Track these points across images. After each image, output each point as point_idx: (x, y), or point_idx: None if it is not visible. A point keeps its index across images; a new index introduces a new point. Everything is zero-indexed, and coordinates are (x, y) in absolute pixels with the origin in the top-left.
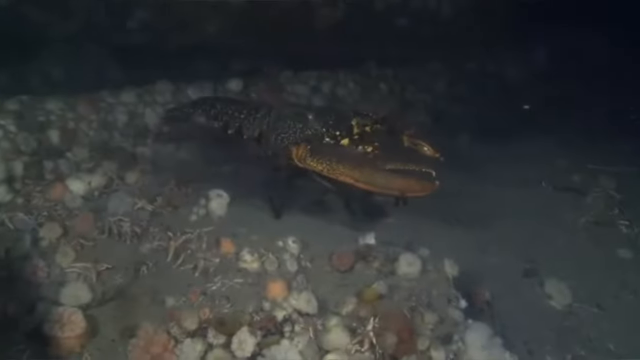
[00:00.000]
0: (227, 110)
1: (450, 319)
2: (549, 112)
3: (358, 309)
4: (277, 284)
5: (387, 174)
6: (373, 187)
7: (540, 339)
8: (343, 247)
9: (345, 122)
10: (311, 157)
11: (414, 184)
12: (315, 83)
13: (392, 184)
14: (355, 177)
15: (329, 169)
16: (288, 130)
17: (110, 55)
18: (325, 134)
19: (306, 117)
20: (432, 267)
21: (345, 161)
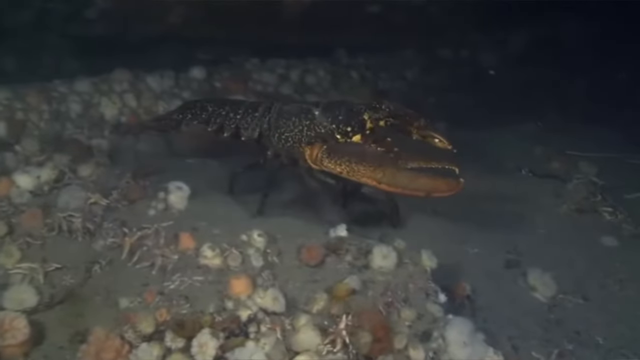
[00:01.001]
0: (221, 112)
1: (429, 314)
2: (526, 98)
3: (329, 306)
4: (240, 280)
5: (410, 173)
6: (397, 188)
7: (525, 333)
8: (313, 241)
9: (356, 117)
10: (329, 158)
11: (440, 183)
12: (283, 71)
13: (417, 184)
14: (377, 178)
15: (348, 170)
16: (293, 128)
17: (66, 44)
18: (336, 131)
19: (312, 113)
20: (409, 260)
21: (365, 161)
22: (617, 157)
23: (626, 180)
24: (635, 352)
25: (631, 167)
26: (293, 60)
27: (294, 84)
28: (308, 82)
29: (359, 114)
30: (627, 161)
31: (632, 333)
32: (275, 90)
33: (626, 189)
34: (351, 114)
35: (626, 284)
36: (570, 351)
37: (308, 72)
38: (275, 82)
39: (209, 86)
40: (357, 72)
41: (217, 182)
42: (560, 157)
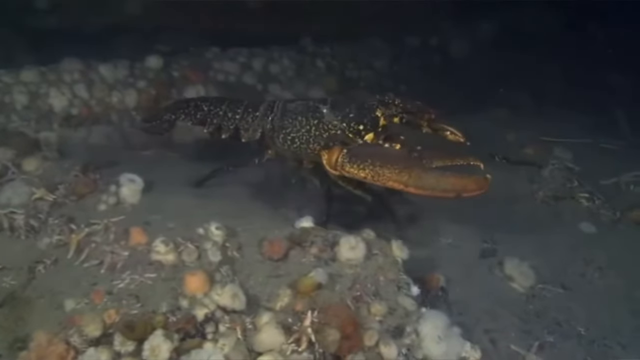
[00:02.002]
0: (218, 111)
1: (401, 308)
2: (497, 85)
3: (294, 303)
4: (196, 277)
5: (437, 174)
6: (425, 190)
7: (503, 326)
8: (276, 233)
9: (368, 114)
10: (350, 162)
11: (469, 182)
12: (246, 60)
13: (446, 185)
14: (403, 181)
15: (373, 175)
16: (300, 128)
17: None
18: (347, 130)
19: (320, 111)
20: (379, 251)
21: (390, 164)
22: (591, 142)
23: (602, 165)
24: (619, 342)
25: (605, 151)
26: (256, 49)
27: (257, 73)
28: (272, 71)
29: (371, 110)
30: (602, 146)
31: (614, 322)
32: (238, 79)
33: (602, 174)
34: (363, 111)
35: (606, 272)
36: (551, 343)
37: (272, 61)
38: (237, 71)
39: (167, 76)
40: (323, 61)
41: (174, 174)
42: (534, 143)
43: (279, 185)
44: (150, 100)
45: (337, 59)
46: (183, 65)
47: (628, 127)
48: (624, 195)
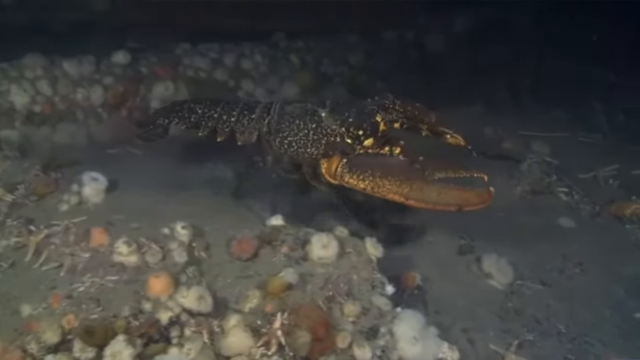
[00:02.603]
0: (212, 114)
1: (375, 308)
2: (475, 80)
3: (263, 304)
4: (160, 279)
5: (439, 186)
6: (426, 204)
7: (481, 324)
8: (245, 232)
9: (368, 119)
10: (350, 173)
11: (471, 195)
12: (217, 56)
13: (448, 198)
14: (404, 194)
15: (373, 186)
16: (298, 132)
17: None
18: (346, 135)
19: (318, 115)
20: (352, 249)
21: (391, 175)
22: (569, 135)
23: (580, 159)
24: (600, 339)
25: (583, 145)
26: (228, 44)
27: (229, 69)
28: (244, 67)
29: (371, 115)
30: (580, 139)
31: (595, 319)
32: (209, 75)
33: (580, 168)
34: (362, 116)
35: (586, 267)
36: (530, 341)
37: (244, 57)
38: (208, 67)
39: (135, 72)
40: (296, 56)
41: (140, 172)
42: (512, 137)
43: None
44: (117, 97)
45: (311, 54)
46: (152, 61)
47: (605, 120)
48: (602, 189)
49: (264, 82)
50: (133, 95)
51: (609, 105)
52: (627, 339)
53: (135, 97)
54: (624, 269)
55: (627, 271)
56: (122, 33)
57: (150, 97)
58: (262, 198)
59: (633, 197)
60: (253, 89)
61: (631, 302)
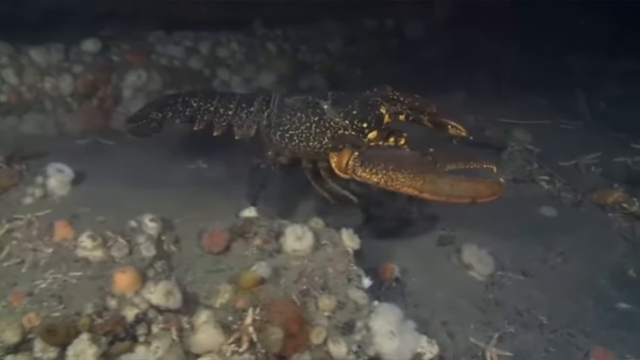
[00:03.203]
0: (208, 107)
1: (351, 302)
2: (455, 66)
3: (235, 299)
4: (126, 274)
5: (451, 178)
6: (440, 196)
7: (461, 317)
8: (217, 224)
9: (372, 111)
10: (362, 166)
11: (482, 187)
12: (192, 44)
13: (460, 191)
14: (418, 187)
15: (386, 180)
16: (299, 125)
17: None
18: (349, 127)
19: (320, 107)
20: (328, 241)
21: (404, 168)
22: (550, 123)
23: (561, 147)
24: (582, 330)
25: (565, 132)
26: (203, 32)
27: (204, 57)
28: (220, 55)
29: (376, 107)
30: (561, 127)
31: (577, 309)
32: (183, 64)
33: (562, 156)
34: (367, 108)
35: (568, 256)
36: (511, 334)
37: (220, 45)
38: (182, 55)
39: (106, 60)
40: (274, 44)
41: (109, 163)
42: (493, 125)
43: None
44: (87, 85)
45: (289, 42)
46: (124, 49)
47: (586, 107)
48: (584, 177)
49: (240, 70)
50: (104, 84)
51: (590, 92)
52: (610, 329)
53: (107, 86)
54: (607, 258)
55: (610, 260)
56: (97, 21)
57: (123, 85)
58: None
59: (615, 185)
60: (229, 78)
61: (614, 291)
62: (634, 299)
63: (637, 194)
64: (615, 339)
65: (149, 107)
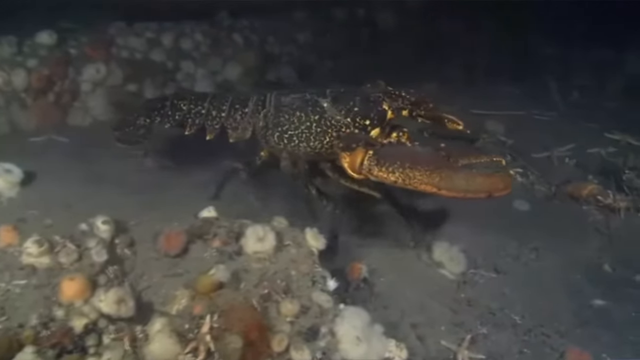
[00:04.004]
0: (200, 110)
1: (315, 306)
2: (427, 56)
3: (192, 305)
4: (74, 282)
5: (466, 174)
6: (457, 192)
7: (431, 318)
8: (174, 225)
9: (374, 108)
10: (378, 165)
11: (496, 180)
12: (154, 35)
13: (476, 185)
14: (435, 183)
15: (404, 178)
16: (299, 125)
17: None
18: (351, 125)
19: (320, 105)
20: (291, 241)
21: (420, 165)
22: (524, 114)
23: (534, 138)
24: (557, 330)
25: (538, 123)
26: (166, 23)
27: (167, 49)
28: (183, 47)
29: (378, 103)
30: (534, 117)
31: (552, 307)
32: (145, 56)
33: (535, 147)
34: (368, 105)
35: (542, 252)
36: (484, 335)
37: (183, 36)
38: (144, 47)
39: (63, 53)
40: (240, 35)
41: (63, 162)
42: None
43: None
44: (42, 80)
45: (256, 33)
46: (82, 42)
47: (560, 97)
48: (558, 168)
49: (205, 62)
50: (61, 78)
51: (563, 82)
52: (585, 327)
53: (64, 81)
54: (581, 253)
55: (585, 255)
56: (53, 12)
57: (80, 80)
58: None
59: (589, 177)
60: (194, 70)
61: (589, 288)
62: (610, 295)
63: (611, 186)
64: (591, 337)
65: (135, 113)
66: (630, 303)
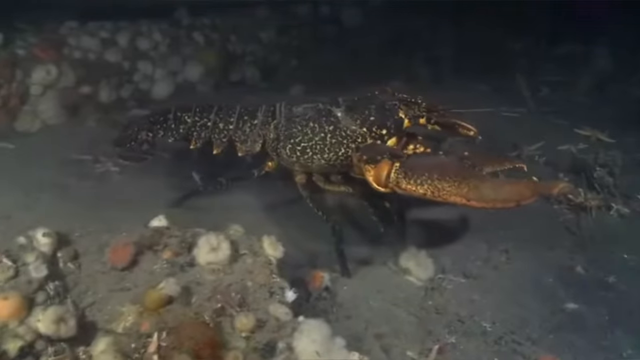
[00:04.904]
0: (205, 122)
1: (272, 319)
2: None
3: (140, 322)
4: (8, 302)
5: (493, 183)
6: (487, 203)
7: (397, 328)
8: (123, 236)
9: (391, 116)
10: (407, 178)
11: (524, 188)
12: (108, 35)
13: (505, 195)
14: (464, 194)
15: (433, 190)
16: (313, 136)
17: None
18: (368, 136)
19: (334, 115)
20: (247, 250)
21: (447, 175)
22: (492, 111)
23: (504, 136)
24: (528, 337)
25: (507, 120)
26: (122, 22)
27: (123, 49)
28: (141, 47)
29: (394, 111)
30: (503, 114)
31: (523, 313)
32: (99, 57)
33: (504, 145)
34: (385, 113)
35: (513, 255)
36: (452, 344)
37: (140, 36)
38: (98, 48)
39: (9, 55)
40: (201, 34)
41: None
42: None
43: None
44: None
45: (217, 32)
46: (30, 43)
47: (529, 93)
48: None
49: (164, 63)
50: (8, 81)
51: (532, 78)
52: (557, 333)
53: (11, 83)
54: (553, 254)
55: (557, 256)
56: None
57: (29, 82)
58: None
59: (560, 175)
60: (152, 71)
61: (561, 291)
62: (583, 298)
63: (582, 184)
64: (564, 343)
65: (135, 127)
66: (604, 306)
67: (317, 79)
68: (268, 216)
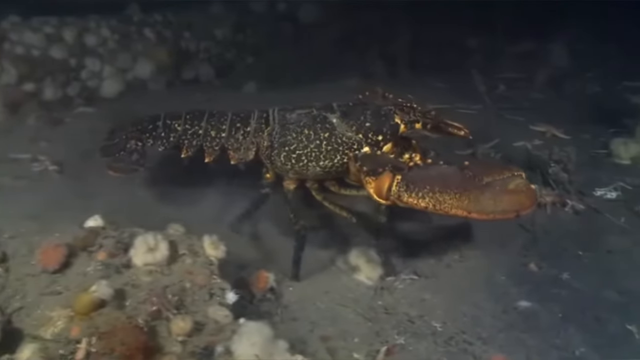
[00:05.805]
0: (197, 130)
1: (211, 322)
2: (349, 50)
3: (69, 327)
4: None
5: (492, 193)
6: (487, 215)
7: (345, 329)
8: (54, 237)
9: (387, 121)
10: (408, 191)
11: (522, 198)
12: (53, 30)
13: (504, 205)
14: (465, 207)
15: (435, 203)
16: (308, 144)
17: None
18: (363, 142)
19: (329, 121)
20: (187, 250)
21: (449, 188)
22: (447, 107)
23: None
24: (479, 336)
25: (463, 117)
26: (68, 17)
27: (69, 45)
28: (88, 43)
29: (389, 117)
30: (459, 111)
31: (474, 312)
32: (43, 53)
33: (459, 142)
34: (380, 119)
35: (465, 253)
36: (401, 346)
37: (88, 31)
38: (42, 44)
39: None
40: (152, 30)
41: None
42: None
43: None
44: None
45: (170, 28)
46: None
47: (485, 90)
48: None
49: (113, 60)
50: None
51: (489, 74)
52: (509, 332)
53: None
54: (506, 252)
55: (509, 254)
56: None
57: None
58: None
59: None
60: (100, 68)
61: (513, 289)
62: (536, 296)
63: (537, 180)
64: (516, 342)
65: (123, 135)
66: (557, 303)
67: (271, 77)
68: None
